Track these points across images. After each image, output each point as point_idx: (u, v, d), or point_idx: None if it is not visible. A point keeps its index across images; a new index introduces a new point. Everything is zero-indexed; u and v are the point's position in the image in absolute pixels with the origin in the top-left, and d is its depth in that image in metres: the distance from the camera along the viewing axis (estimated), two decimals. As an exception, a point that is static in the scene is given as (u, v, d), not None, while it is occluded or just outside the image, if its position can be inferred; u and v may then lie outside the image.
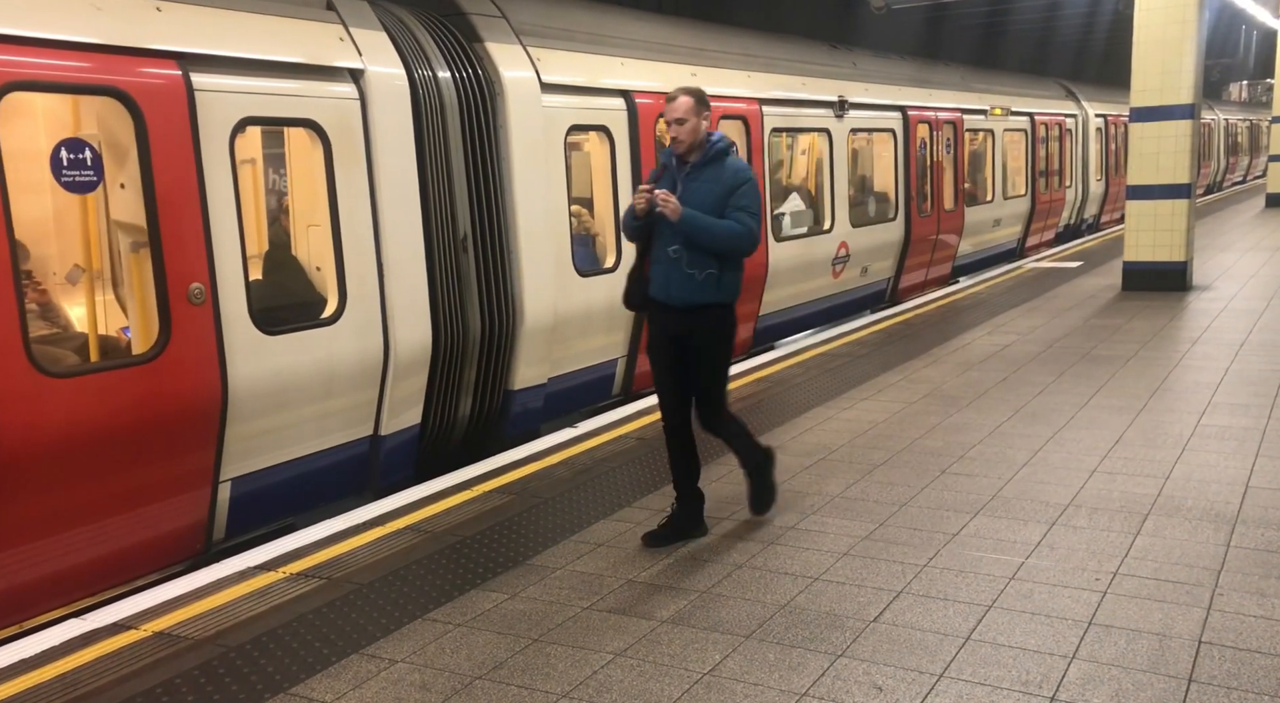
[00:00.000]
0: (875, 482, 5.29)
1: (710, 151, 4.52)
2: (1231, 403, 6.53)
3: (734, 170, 4.49)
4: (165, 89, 4.65)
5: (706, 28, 9.54)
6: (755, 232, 4.45)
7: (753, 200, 4.45)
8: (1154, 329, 9.09)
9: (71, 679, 3.52)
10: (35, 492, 4.30)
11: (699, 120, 4.49)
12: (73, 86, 4.52)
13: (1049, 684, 3.27)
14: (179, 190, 4.67)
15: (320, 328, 5.43)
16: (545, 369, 7.00)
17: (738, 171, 4.49)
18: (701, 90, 4.57)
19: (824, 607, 3.88)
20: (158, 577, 4.71)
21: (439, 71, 6.17)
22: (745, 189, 4.46)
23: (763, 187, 9.22)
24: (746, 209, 4.44)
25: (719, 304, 4.54)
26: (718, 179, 4.47)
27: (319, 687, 3.43)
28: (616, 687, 3.36)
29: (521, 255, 6.64)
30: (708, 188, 4.46)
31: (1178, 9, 10.80)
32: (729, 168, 4.50)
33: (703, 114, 4.51)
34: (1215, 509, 4.72)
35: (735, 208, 4.43)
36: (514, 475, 5.61)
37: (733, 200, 4.43)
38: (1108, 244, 15.92)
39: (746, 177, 4.49)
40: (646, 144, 7.68)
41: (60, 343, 5.19)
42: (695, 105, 4.49)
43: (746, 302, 9.13)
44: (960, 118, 13.48)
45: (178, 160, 4.67)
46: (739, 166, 4.53)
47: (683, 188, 4.49)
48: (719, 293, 4.50)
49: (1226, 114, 31.64)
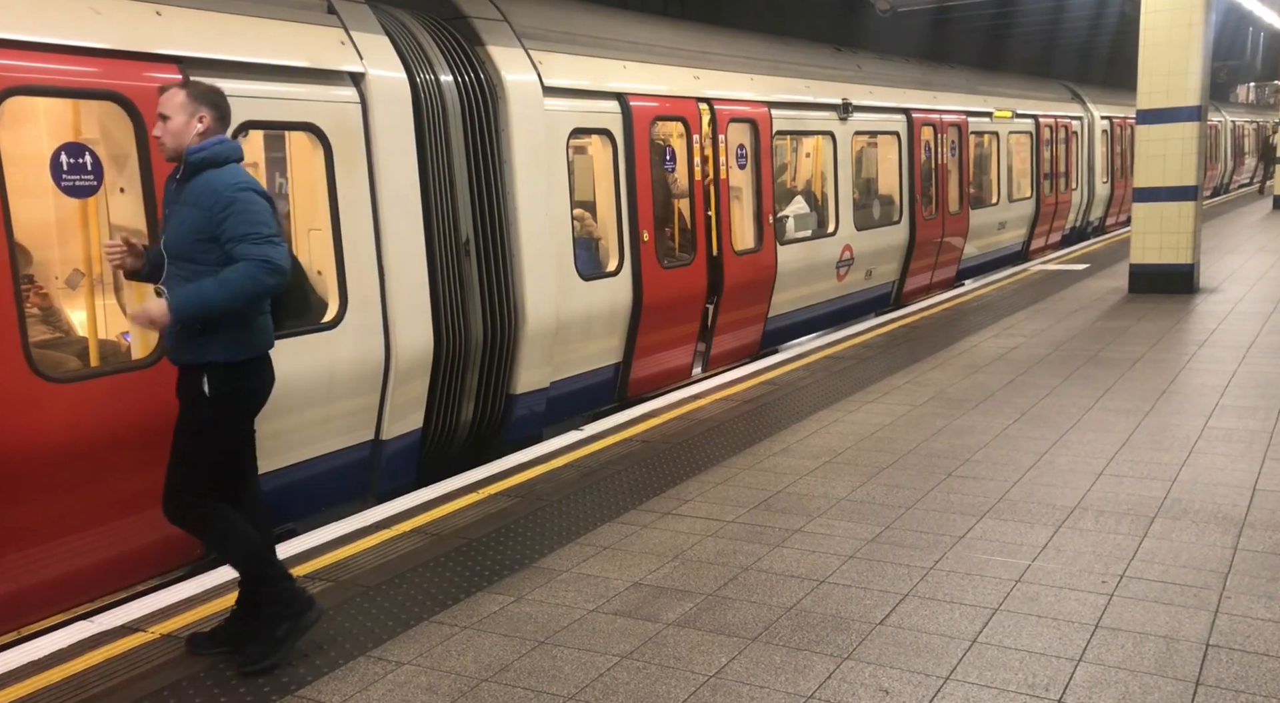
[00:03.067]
0: (881, 484, 5.28)
1: (189, 165, 3.50)
2: (1239, 405, 6.51)
3: (213, 190, 3.44)
4: None
5: (710, 30, 9.55)
6: (272, 261, 3.39)
7: (248, 222, 3.41)
8: (1161, 332, 9.07)
9: (80, 681, 3.53)
10: (45, 493, 4.32)
11: (188, 119, 3.51)
12: (72, 91, 4.54)
13: (1056, 687, 3.25)
14: None
15: (321, 332, 5.43)
16: (547, 373, 7.00)
17: (217, 192, 3.43)
18: (206, 84, 3.66)
19: (830, 610, 3.88)
20: (165, 580, 4.71)
21: (440, 75, 6.18)
22: (231, 213, 3.40)
23: (769, 189, 9.23)
24: (245, 238, 3.39)
25: (203, 364, 3.50)
26: (197, 201, 3.45)
27: (326, 689, 3.43)
28: (623, 689, 3.36)
29: (523, 259, 6.65)
30: (186, 212, 3.48)
31: (1184, 11, 10.79)
32: (208, 186, 3.45)
33: (197, 113, 3.52)
34: (1223, 512, 4.71)
35: (229, 240, 3.40)
36: (519, 478, 5.62)
37: (222, 232, 3.40)
38: (1114, 246, 15.89)
39: (230, 197, 3.42)
40: (642, 148, 7.69)
41: (62, 347, 5.20)
42: (186, 100, 3.53)
43: (756, 303, 9.18)
44: (965, 121, 13.47)
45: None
46: (222, 184, 3.45)
47: (167, 211, 3.61)
48: (203, 351, 3.49)
49: (1233, 116, 31.56)
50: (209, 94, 3.59)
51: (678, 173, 8.41)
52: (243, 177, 3.53)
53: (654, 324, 7.85)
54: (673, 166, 8.31)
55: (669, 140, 8.36)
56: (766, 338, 9.65)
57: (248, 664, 3.54)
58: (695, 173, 8.35)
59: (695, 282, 8.31)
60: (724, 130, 8.60)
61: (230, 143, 3.60)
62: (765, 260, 9.22)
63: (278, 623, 3.59)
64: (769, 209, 9.25)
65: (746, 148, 9.00)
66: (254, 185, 3.52)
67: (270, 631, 3.58)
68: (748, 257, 8.95)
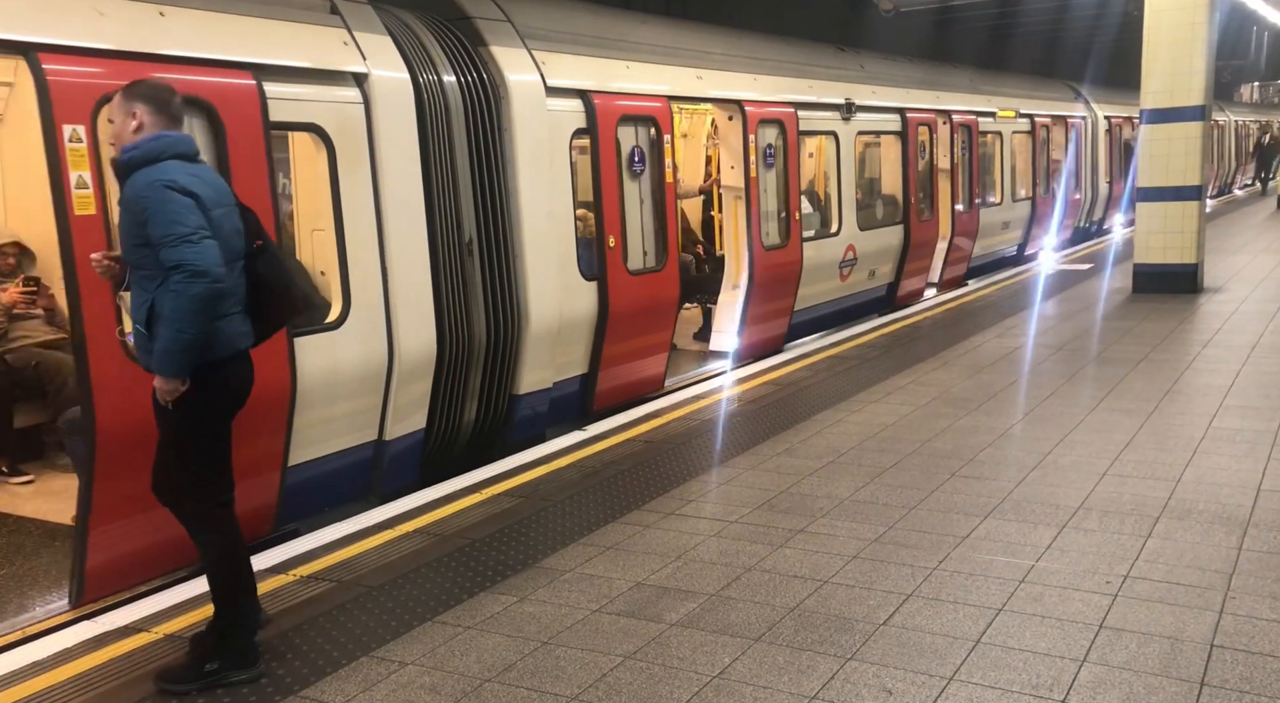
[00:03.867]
0: (885, 485, 5.28)
1: (120, 167, 3.33)
2: (1243, 405, 6.50)
3: (134, 192, 3.25)
4: None
5: (712, 30, 9.55)
6: (186, 265, 3.17)
7: (163, 224, 3.19)
8: (1165, 332, 9.05)
9: (84, 681, 3.53)
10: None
11: (124, 119, 3.36)
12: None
13: (1060, 688, 3.25)
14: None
15: (324, 333, 5.43)
16: (550, 374, 6.99)
17: (136, 194, 3.24)
18: (146, 81, 3.49)
19: (833, 610, 3.87)
20: (167, 580, 4.72)
21: (443, 75, 6.18)
22: (149, 215, 3.21)
23: (795, 185, 9.43)
24: (162, 242, 3.18)
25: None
26: (127, 205, 3.28)
27: (329, 689, 3.43)
28: (626, 689, 3.36)
29: (526, 259, 6.64)
30: (122, 217, 3.34)
31: (1188, 10, 10.77)
32: (132, 188, 3.26)
33: (131, 110, 3.35)
34: (1227, 512, 4.70)
35: (155, 245, 3.20)
36: (522, 479, 5.62)
37: (149, 236, 3.21)
38: (1117, 246, 15.87)
39: (145, 197, 3.22)
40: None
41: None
42: (120, 99, 3.36)
43: (783, 297, 9.45)
44: (975, 121, 13.50)
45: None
46: (141, 184, 3.25)
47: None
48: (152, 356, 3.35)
49: (1238, 115, 31.51)
50: (145, 89, 3.39)
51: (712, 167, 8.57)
52: (165, 173, 3.26)
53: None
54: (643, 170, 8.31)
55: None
56: (792, 332, 9.80)
57: (164, 682, 3.45)
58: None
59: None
60: (754, 130, 8.88)
61: (167, 137, 3.35)
62: (790, 255, 9.47)
63: (212, 659, 3.47)
64: (795, 206, 9.51)
65: (778, 149, 9.31)
66: (173, 181, 3.25)
67: (201, 662, 3.46)
68: (775, 252, 9.29)
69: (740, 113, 8.80)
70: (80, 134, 4.23)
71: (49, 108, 4.16)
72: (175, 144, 3.36)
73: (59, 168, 4.18)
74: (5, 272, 5.80)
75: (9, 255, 5.80)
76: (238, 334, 3.51)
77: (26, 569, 4.72)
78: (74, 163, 4.22)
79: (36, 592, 4.50)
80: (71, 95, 4.24)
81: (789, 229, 9.48)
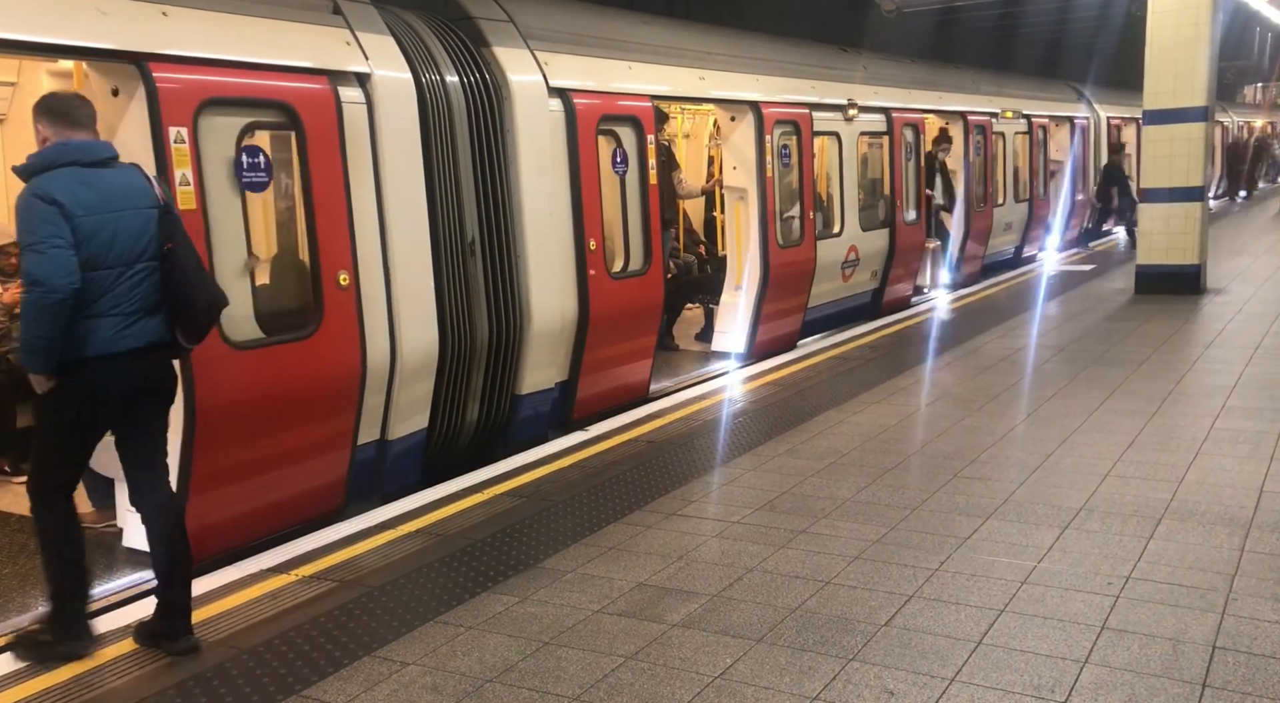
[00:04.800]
0: (886, 485, 5.28)
1: (22, 179, 3.40)
2: (1246, 407, 6.49)
3: (16, 203, 3.36)
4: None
5: (715, 31, 9.55)
6: (28, 275, 3.25)
7: (22, 230, 3.30)
8: (1167, 333, 9.04)
9: (86, 680, 3.54)
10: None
11: (37, 136, 3.45)
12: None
13: (1061, 689, 3.25)
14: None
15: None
16: (552, 374, 6.99)
17: (17, 204, 3.35)
18: (47, 95, 3.56)
19: (835, 611, 3.87)
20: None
21: (446, 75, 6.18)
22: (22, 224, 3.30)
23: (810, 184, 9.59)
24: (26, 249, 3.28)
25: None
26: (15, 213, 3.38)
27: (331, 689, 3.43)
28: (627, 690, 3.36)
29: (529, 259, 6.64)
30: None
31: (1190, 11, 10.76)
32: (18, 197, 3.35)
33: (37, 125, 3.44)
34: (1229, 513, 4.69)
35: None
36: (524, 479, 5.62)
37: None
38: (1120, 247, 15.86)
39: (18, 203, 3.32)
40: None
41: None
42: (35, 111, 3.46)
43: (797, 294, 9.57)
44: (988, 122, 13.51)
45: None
46: (23, 192, 3.36)
47: None
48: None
49: (1240, 117, 31.47)
50: (44, 103, 3.48)
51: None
52: (43, 183, 3.33)
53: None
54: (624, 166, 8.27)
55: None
56: (805, 328, 9.88)
57: (18, 649, 3.68)
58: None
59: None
60: (770, 131, 8.96)
61: (57, 147, 3.41)
62: (804, 253, 9.58)
63: (46, 631, 3.68)
64: (810, 205, 9.62)
65: (793, 150, 9.43)
66: (44, 190, 3.31)
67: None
68: (790, 250, 9.40)
69: (756, 113, 8.83)
70: (183, 135, 4.54)
71: (157, 111, 4.46)
72: (68, 152, 3.43)
73: (165, 166, 4.46)
74: (8, 271, 5.81)
75: (11, 255, 5.81)
76: (117, 336, 3.50)
77: (29, 568, 4.72)
78: (178, 161, 4.53)
79: (38, 592, 4.50)
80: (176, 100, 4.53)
81: (804, 228, 9.59)
